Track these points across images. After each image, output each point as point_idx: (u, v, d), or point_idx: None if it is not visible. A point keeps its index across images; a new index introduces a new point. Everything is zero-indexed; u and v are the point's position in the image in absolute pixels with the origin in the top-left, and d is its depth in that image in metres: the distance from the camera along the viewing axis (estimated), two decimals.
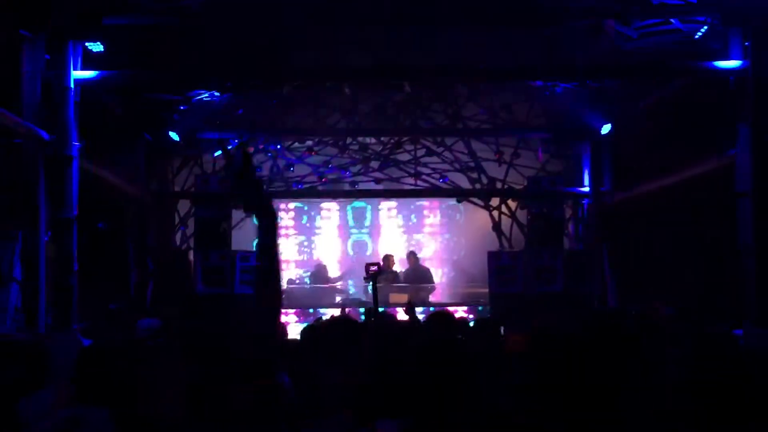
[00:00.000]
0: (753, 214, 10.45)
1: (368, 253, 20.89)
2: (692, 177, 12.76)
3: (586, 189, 15.90)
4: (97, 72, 11.20)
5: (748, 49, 10.79)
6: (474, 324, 8.86)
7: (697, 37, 11.51)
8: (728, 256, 11.14)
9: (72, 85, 10.79)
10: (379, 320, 9.10)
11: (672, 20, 11.54)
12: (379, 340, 7.38)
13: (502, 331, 11.37)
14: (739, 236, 10.68)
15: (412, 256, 19.49)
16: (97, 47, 11.04)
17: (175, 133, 15.01)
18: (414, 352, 6.45)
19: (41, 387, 4.32)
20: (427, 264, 19.80)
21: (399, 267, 18.70)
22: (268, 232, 4.56)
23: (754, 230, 10.43)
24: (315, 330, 7.59)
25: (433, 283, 19.16)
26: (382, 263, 18.65)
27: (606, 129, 14.97)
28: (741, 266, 10.61)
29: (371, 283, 9.50)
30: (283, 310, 15.48)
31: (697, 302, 11.90)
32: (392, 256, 19.25)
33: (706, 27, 11.37)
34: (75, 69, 10.91)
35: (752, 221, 10.45)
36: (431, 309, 16.76)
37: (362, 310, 14.12)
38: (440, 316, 8.26)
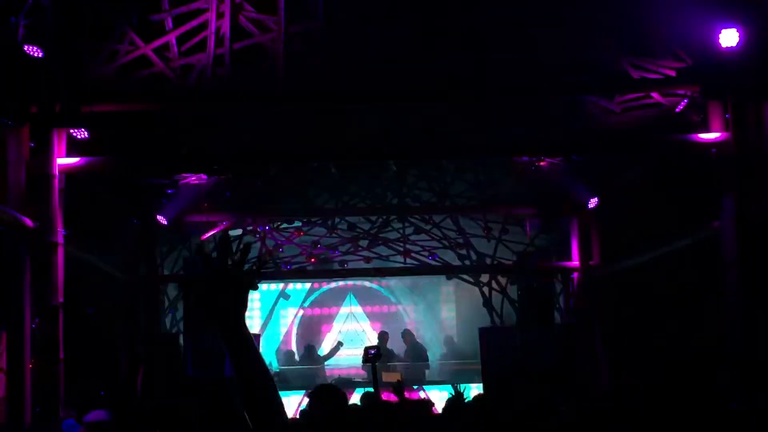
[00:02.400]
0: (739, 285, 10.43)
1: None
2: (679, 248, 12.78)
3: (575, 263, 15.88)
4: (81, 158, 11.24)
5: (729, 121, 10.86)
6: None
7: (678, 110, 11.62)
8: (718, 327, 11.11)
9: (56, 172, 10.81)
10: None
11: (652, 94, 11.66)
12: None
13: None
14: (727, 307, 10.65)
15: (408, 334, 19.43)
16: (81, 134, 11.10)
17: (162, 217, 15.02)
18: None
19: None
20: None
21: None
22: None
23: (739, 301, 10.40)
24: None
25: (428, 361, 19.10)
26: (378, 341, 18.70)
27: (592, 203, 15.01)
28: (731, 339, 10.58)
29: (371, 366, 9.49)
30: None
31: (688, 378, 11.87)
32: (387, 334, 19.23)
33: (686, 100, 11.49)
34: (60, 156, 10.94)
35: (738, 292, 10.43)
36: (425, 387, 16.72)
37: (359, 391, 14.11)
38: None
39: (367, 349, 10.02)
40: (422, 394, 15.96)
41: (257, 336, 16.60)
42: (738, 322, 10.47)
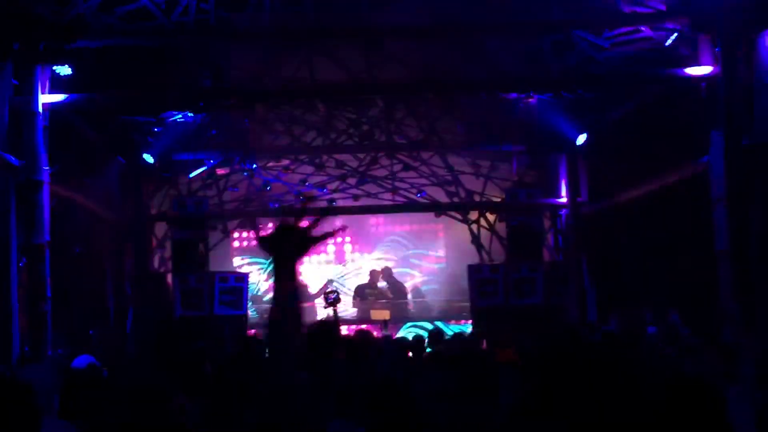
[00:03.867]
0: (728, 220, 10.42)
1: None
2: (668, 185, 12.77)
3: (564, 200, 15.87)
4: (65, 95, 11.12)
5: (718, 55, 10.77)
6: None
7: (667, 44, 11.52)
8: (706, 262, 11.13)
9: (40, 110, 10.69)
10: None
11: (642, 28, 11.56)
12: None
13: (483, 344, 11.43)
14: (715, 242, 10.66)
15: (385, 271, 19.41)
16: (65, 71, 10.96)
17: (149, 156, 14.92)
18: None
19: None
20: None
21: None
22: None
23: (729, 235, 10.40)
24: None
25: (406, 298, 19.14)
26: (370, 278, 18.74)
27: (581, 139, 14.95)
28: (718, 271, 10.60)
29: (333, 310, 9.70)
30: None
31: (675, 308, 11.91)
32: (378, 271, 19.21)
33: (676, 34, 11.39)
34: (43, 93, 10.81)
35: (727, 226, 10.42)
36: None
37: None
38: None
39: (326, 294, 10.32)
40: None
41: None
42: (725, 257, 10.48)
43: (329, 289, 14.09)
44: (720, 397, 4.37)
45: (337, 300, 9.92)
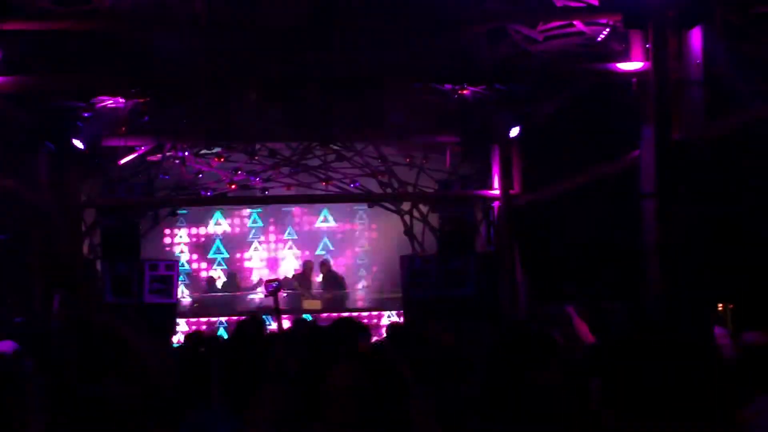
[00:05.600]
0: (656, 215, 10.56)
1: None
2: (599, 178, 12.92)
3: (496, 192, 15.96)
4: None
5: (649, 50, 10.91)
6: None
7: (599, 39, 11.64)
8: (635, 256, 11.27)
9: None
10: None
11: (575, 23, 11.65)
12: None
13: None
14: (643, 236, 10.80)
15: (325, 264, 19.45)
16: None
17: (79, 141, 14.69)
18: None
19: None
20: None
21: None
22: None
23: (656, 230, 10.55)
24: None
25: (346, 290, 19.16)
26: (300, 270, 18.73)
27: (514, 132, 15.04)
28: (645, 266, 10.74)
29: (273, 298, 9.78)
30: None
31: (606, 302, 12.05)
32: (311, 262, 19.24)
33: (608, 29, 11.51)
34: None
35: (655, 222, 10.57)
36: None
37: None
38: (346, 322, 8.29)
39: (267, 282, 10.44)
40: None
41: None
42: (652, 252, 10.63)
43: (270, 278, 14.11)
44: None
45: (278, 289, 9.98)
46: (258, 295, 18.15)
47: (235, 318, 15.85)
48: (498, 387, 4.02)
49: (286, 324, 11.37)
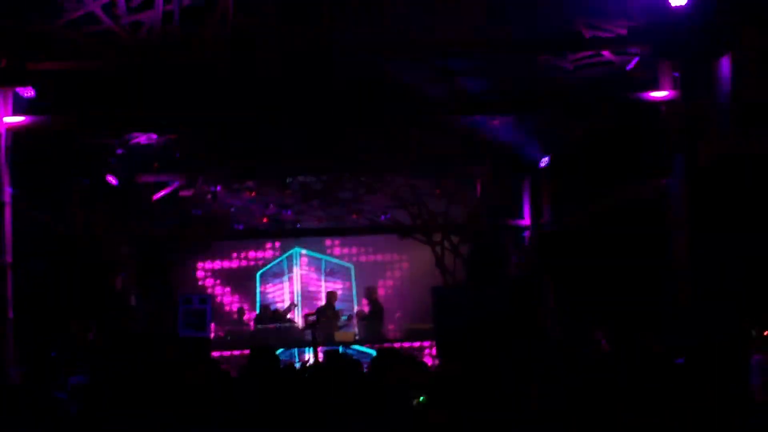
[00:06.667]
0: (684, 241, 10.56)
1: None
2: (629, 205, 12.90)
3: (526, 221, 15.97)
4: (27, 117, 11.09)
5: (678, 79, 10.94)
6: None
7: (628, 68, 11.68)
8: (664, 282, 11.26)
9: (2, 131, 10.68)
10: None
11: (604, 53, 11.69)
12: None
13: None
14: (672, 264, 10.79)
15: (371, 291, 19.31)
16: (28, 92, 10.95)
17: (112, 177, 14.87)
18: None
19: None
20: None
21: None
22: None
23: (687, 256, 10.53)
24: None
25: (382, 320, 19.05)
26: (324, 301, 18.64)
27: (544, 162, 15.07)
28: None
29: (311, 332, 9.80)
30: None
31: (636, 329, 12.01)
32: (336, 294, 19.12)
33: (637, 58, 11.54)
34: (6, 115, 10.79)
35: (686, 248, 10.56)
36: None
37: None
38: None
39: (306, 316, 10.47)
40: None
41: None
42: (684, 278, 10.60)
43: (309, 312, 14.14)
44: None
45: (317, 322, 10.04)
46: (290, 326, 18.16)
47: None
48: None
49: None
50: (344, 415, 5.82)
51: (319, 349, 13.92)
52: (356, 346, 15.77)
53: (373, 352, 15.50)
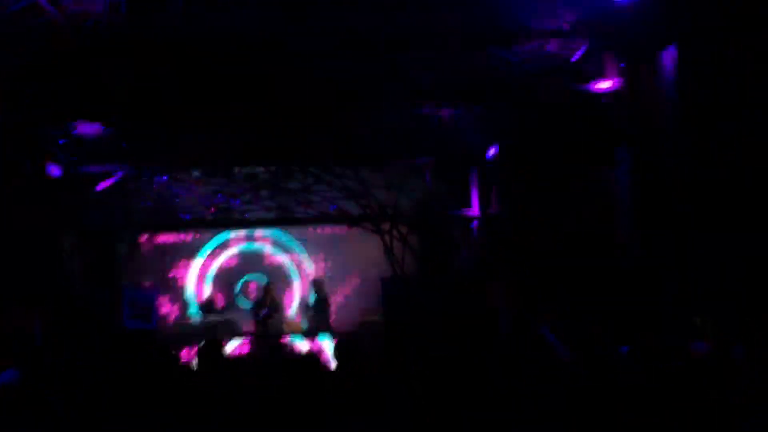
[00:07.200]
0: (632, 229, 10.64)
1: None
2: (574, 195, 12.99)
3: (475, 211, 16.01)
4: None
5: (623, 70, 10.99)
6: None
7: (573, 60, 11.72)
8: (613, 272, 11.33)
9: None
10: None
11: (549, 45, 11.74)
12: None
13: None
14: (618, 252, 10.86)
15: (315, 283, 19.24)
16: None
17: (55, 167, 14.67)
18: None
19: None
20: None
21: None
22: None
23: (632, 247, 10.61)
24: None
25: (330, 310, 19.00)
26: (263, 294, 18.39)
27: (492, 152, 15.12)
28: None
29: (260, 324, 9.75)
30: None
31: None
32: (271, 285, 18.77)
33: (582, 50, 11.59)
34: None
35: (631, 236, 10.64)
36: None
37: None
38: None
39: (256, 310, 10.36)
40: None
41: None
42: (630, 271, 10.68)
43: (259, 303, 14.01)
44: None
45: (269, 316, 9.98)
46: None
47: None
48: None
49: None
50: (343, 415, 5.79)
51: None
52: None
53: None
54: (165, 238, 18.73)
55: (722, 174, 10.03)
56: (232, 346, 15.61)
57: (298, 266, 19.80)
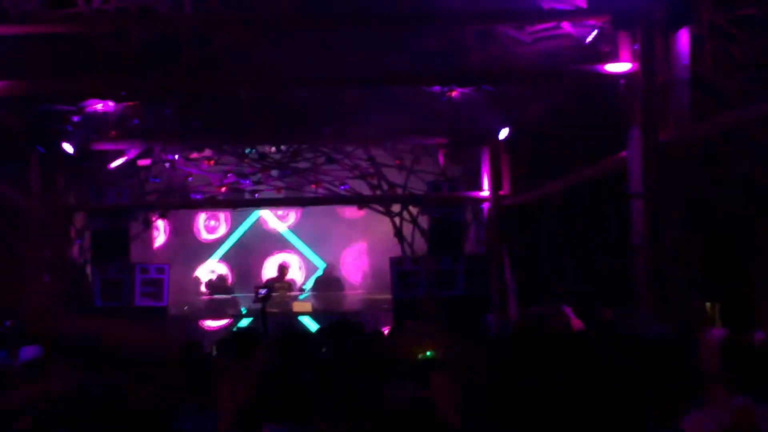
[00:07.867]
0: (644, 215, 10.59)
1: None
2: (587, 178, 12.94)
3: (486, 193, 15.99)
4: None
5: (638, 51, 10.93)
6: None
7: (587, 41, 11.67)
8: (624, 255, 11.30)
9: None
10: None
11: (563, 25, 11.69)
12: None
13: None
14: (631, 236, 10.82)
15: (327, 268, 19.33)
16: None
17: (69, 145, 14.70)
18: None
19: None
20: None
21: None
22: None
23: (644, 231, 10.57)
24: None
25: (343, 291, 19.02)
26: (277, 273, 18.48)
27: (503, 134, 15.09)
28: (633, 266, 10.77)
29: (261, 306, 9.80)
30: None
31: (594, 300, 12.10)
32: (287, 265, 18.90)
33: (596, 31, 11.54)
34: None
35: (643, 222, 10.59)
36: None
37: None
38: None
39: (256, 288, 10.47)
40: None
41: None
42: (642, 252, 10.64)
43: (260, 284, 14.11)
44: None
45: (268, 296, 10.02)
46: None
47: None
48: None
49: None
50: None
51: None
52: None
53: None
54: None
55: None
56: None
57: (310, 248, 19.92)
